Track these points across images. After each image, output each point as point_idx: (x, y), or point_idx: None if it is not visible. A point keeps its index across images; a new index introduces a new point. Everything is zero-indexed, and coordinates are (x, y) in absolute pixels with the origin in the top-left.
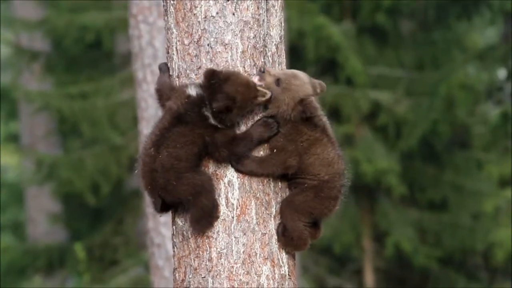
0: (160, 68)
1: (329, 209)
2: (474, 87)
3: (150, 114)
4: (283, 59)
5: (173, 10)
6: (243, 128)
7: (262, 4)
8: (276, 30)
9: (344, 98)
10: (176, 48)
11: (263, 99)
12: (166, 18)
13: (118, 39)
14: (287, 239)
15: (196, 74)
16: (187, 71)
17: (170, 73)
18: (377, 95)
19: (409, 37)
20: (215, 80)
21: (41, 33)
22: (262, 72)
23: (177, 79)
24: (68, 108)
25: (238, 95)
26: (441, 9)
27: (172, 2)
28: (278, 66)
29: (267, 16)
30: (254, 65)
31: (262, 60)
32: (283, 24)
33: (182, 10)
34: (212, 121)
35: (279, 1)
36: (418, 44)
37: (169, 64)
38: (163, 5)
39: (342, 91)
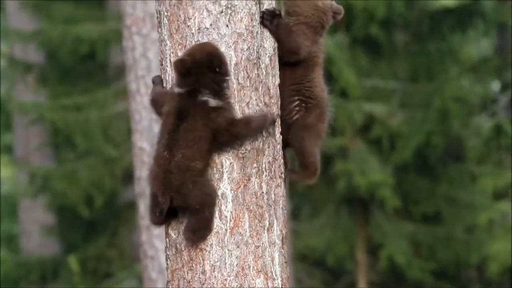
0: (153, 81)
1: (324, 134)
2: (468, 99)
3: (143, 126)
4: (277, 71)
5: (166, 22)
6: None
7: (256, 16)
8: (269, 42)
9: (338, 111)
10: (170, 60)
11: None
12: (159, 30)
13: (112, 51)
14: (304, 168)
15: None
16: None
17: (164, 85)
18: (371, 107)
19: (403, 49)
20: (188, 65)
21: (35, 45)
22: None
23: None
24: (62, 120)
25: (213, 57)
26: (435, 20)
27: (166, 13)
28: (272, 78)
29: (260, 28)
30: (248, 77)
31: (256, 72)
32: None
33: (176, 22)
34: (212, 101)
35: None
36: (412, 56)
37: (162, 76)
38: (157, 17)
39: (336, 103)
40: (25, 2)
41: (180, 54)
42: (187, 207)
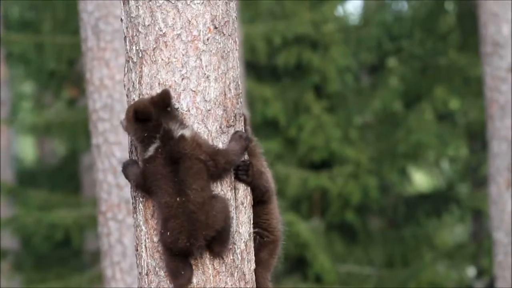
0: (126, 164)
1: (274, 267)
2: (443, 285)
3: None
4: (252, 256)
5: (142, 208)
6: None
7: (231, 201)
8: (245, 227)
9: None
10: (145, 245)
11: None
12: (135, 215)
13: (87, 237)
14: None
15: (164, 272)
16: (156, 268)
17: (139, 270)
18: None
19: (379, 234)
20: (144, 116)
21: (9, 231)
22: None
23: (146, 276)
24: None
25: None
26: (410, 206)
27: (141, 199)
28: (247, 263)
29: (236, 213)
30: (223, 262)
31: (231, 258)
32: (251, 221)
33: (151, 208)
34: (186, 132)
35: (248, 198)
36: (387, 241)
37: (137, 262)
38: (132, 203)
39: None
40: (1, 188)
41: (155, 239)
42: (216, 232)
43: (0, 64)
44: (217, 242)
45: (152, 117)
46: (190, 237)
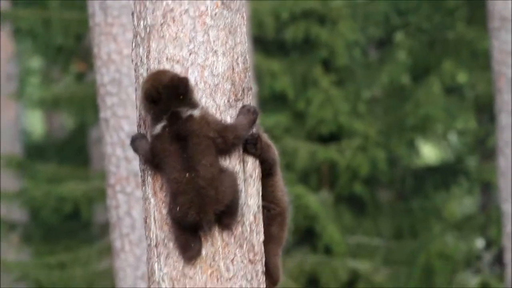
0: (135, 138)
1: (285, 241)
2: (452, 256)
3: (128, 284)
4: (261, 228)
5: (150, 180)
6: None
7: (240, 174)
8: (253, 200)
9: (322, 267)
10: (154, 217)
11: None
12: (143, 188)
13: (96, 209)
14: (267, 276)
15: (173, 243)
16: (165, 240)
17: (148, 242)
18: (355, 264)
19: (387, 206)
20: (152, 99)
21: (18, 204)
22: None
23: (155, 248)
24: (46, 278)
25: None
26: (418, 178)
27: (149, 172)
28: (256, 235)
29: (244, 186)
30: (232, 234)
31: (240, 230)
32: (260, 194)
33: (159, 180)
34: (195, 112)
35: (256, 171)
36: (396, 213)
37: (146, 234)
38: (141, 176)
39: (320, 260)
40: (9, 162)
41: (164, 212)
42: (226, 206)
43: (5, 39)
44: (226, 215)
45: (161, 102)
46: (200, 212)
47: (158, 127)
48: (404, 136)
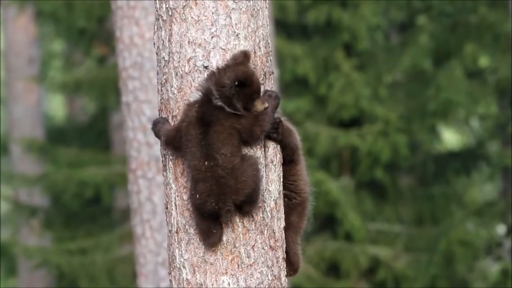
0: (157, 122)
1: (304, 229)
2: (473, 243)
3: (148, 270)
4: (282, 214)
5: (172, 166)
6: None
7: (261, 159)
8: (274, 186)
9: (343, 254)
10: (175, 203)
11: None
12: (165, 173)
13: (117, 195)
14: (287, 264)
15: (194, 229)
16: (186, 226)
17: (169, 228)
18: (376, 250)
19: (408, 192)
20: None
21: (40, 189)
22: None
23: (176, 234)
24: (67, 264)
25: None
26: (439, 164)
27: (170, 158)
28: (277, 221)
29: (265, 171)
30: (253, 220)
31: (261, 215)
32: (281, 180)
33: (181, 166)
34: (227, 108)
35: (278, 156)
36: (416, 199)
37: (167, 220)
38: (162, 161)
39: (341, 246)
40: (31, 146)
41: (185, 197)
42: (246, 196)
43: (28, 22)
44: (247, 204)
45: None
46: (219, 201)
47: (193, 96)
48: (426, 121)
